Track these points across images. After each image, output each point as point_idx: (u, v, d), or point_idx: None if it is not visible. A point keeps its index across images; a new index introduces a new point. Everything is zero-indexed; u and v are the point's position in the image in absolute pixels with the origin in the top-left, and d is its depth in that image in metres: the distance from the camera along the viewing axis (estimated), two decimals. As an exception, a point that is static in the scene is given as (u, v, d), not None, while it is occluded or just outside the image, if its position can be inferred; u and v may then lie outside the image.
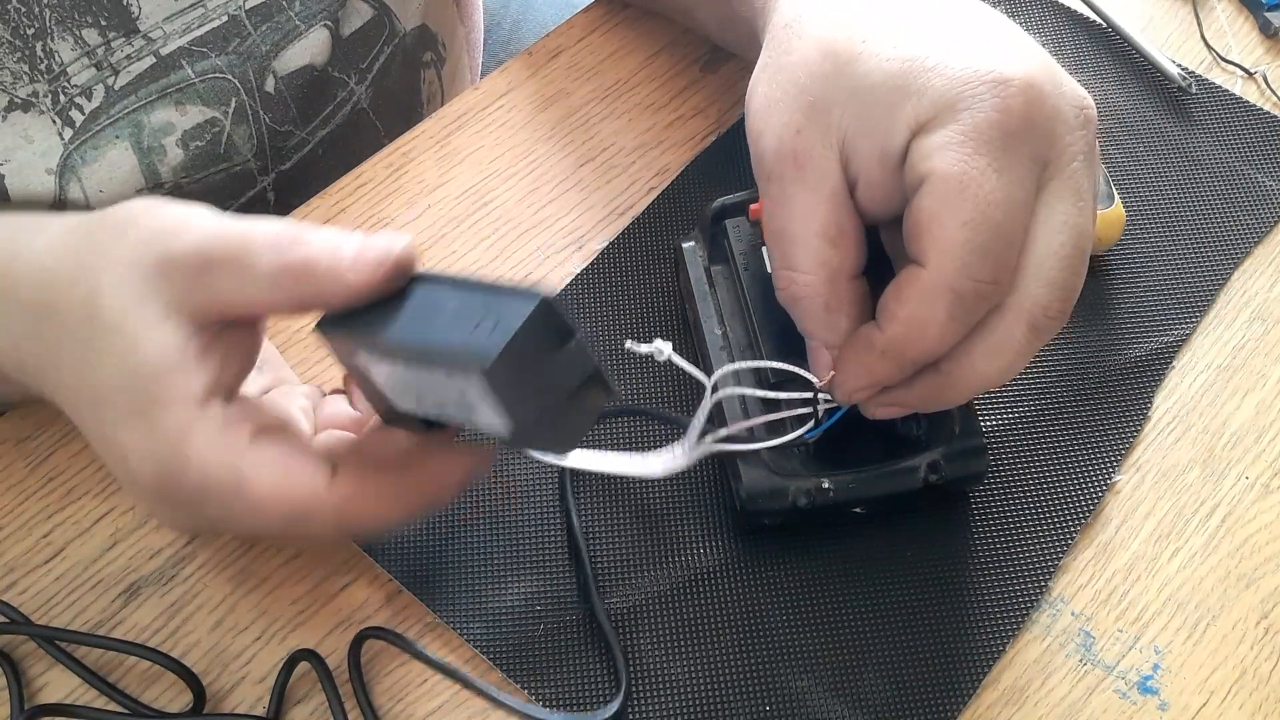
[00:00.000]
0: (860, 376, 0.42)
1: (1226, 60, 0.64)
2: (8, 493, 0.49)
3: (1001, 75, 0.38)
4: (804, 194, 0.41)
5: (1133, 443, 0.51)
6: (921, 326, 0.39)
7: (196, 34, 0.56)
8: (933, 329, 0.39)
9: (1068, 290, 0.40)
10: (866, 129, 0.40)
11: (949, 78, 0.39)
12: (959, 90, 0.39)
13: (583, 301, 0.54)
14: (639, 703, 0.44)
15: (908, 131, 0.39)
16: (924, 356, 0.40)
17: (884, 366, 0.41)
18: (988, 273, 0.38)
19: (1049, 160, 0.39)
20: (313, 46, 0.60)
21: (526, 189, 0.58)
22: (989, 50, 0.39)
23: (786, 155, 0.41)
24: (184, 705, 0.44)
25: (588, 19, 0.64)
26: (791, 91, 0.41)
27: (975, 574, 0.47)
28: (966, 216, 0.38)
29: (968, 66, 0.39)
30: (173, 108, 0.56)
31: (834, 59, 0.41)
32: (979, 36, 0.40)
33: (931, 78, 0.39)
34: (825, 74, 0.41)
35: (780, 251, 0.42)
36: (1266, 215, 0.58)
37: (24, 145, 0.52)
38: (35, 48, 0.51)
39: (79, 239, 0.40)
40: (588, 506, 0.48)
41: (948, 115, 0.38)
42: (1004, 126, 0.38)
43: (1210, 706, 0.45)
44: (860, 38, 0.41)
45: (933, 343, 0.40)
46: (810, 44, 0.42)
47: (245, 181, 0.60)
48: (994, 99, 0.38)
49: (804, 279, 0.41)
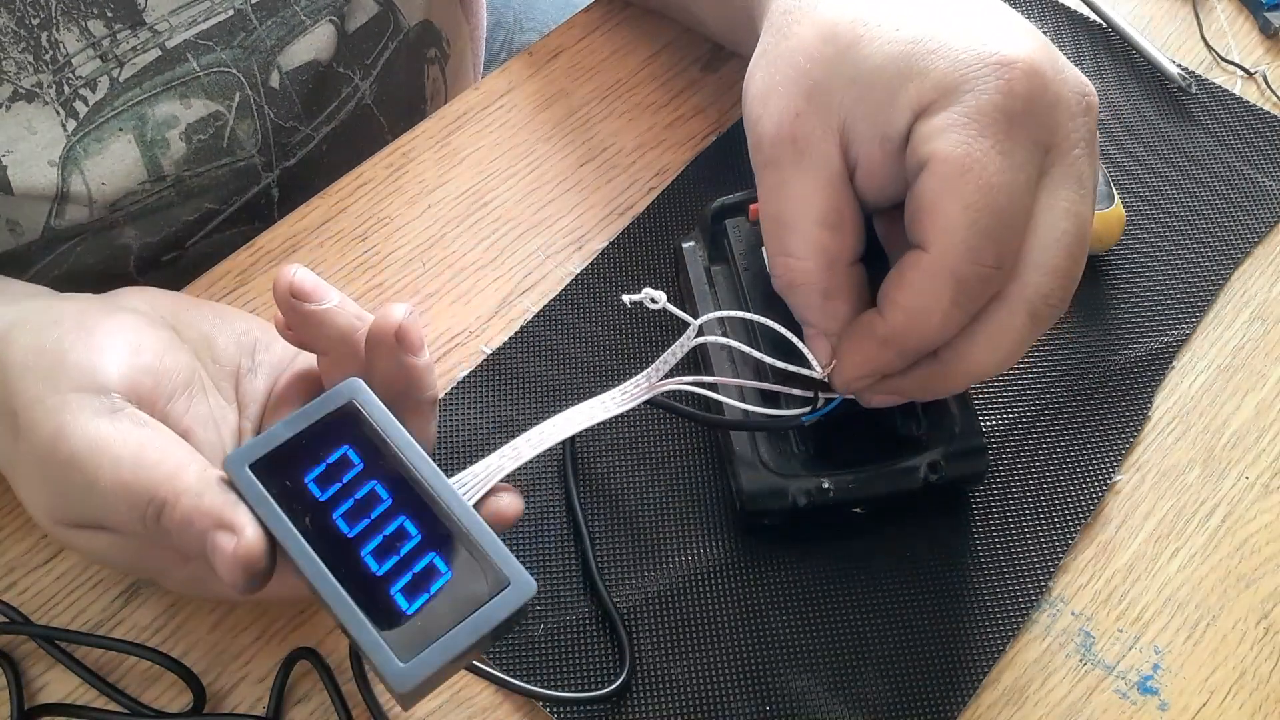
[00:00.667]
0: (861, 365, 0.41)
1: (1226, 60, 0.64)
2: (7, 492, 0.49)
3: (1005, 57, 0.38)
4: (802, 179, 0.40)
5: (1133, 443, 0.51)
6: (925, 313, 0.39)
7: (202, 27, 0.56)
8: (936, 315, 0.39)
9: (1068, 278, 0.40)
10: (867, 112, 0.39)
11: (952, 59, 0.38)
12: (962, 72, 0.38)
13: (583, 301, 0.54)
14: (639, 703, 0.44)
15: (910, 114, 0.39)
16: (926, 344, 0.40)
17: (885, 355, 0.40)
18: (991, 257, 0.38)
19: (1051, 146, 0.39)
20: (318, 42, 0.60)
21: (526, 189, 0.58)
22: (991, 33, 0.39)
23: (785, 139, 0.41)
24: (184, 705, 0.44)
25: (588, 19, 0.64)
26: (791, 75, 0.41)
27: (975, 574, 0.47)
28: (970, 199, 0.37)
29: (970, 49, 0.39)
30: (177, 101, 0.56)
31: (835, 42, 0.40)
32: (981, 20, 0.40)
33: (934, 59, 0.39)
34: (826, 58, 0.40)
35: (777, 238, 0.42)
36: (1266, 215, 0.58)
37: (27, 136, 0.52)
38: (40, 38, 0.51)
39: None
40: (589, 506, 0.48)
41: (950, 97, 0.38)
42: (1007, 109, 0.38)
43: (1210, 706, 0.45)
44: (862, 21, 0.40)
45: (935, 330, 0.39)
46: (810, 28, 0.41)
47: (250, 177, 0.60)
48: (997, 80, 0.38)
49: (802, 266, 0.41)
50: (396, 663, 0.34)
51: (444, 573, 0.35)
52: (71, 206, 0.54)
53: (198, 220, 0.59)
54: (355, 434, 0.37)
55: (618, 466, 0.50)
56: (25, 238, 0.55)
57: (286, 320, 0.40)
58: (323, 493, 0.36)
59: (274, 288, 0.39)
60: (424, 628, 0.34)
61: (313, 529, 0.36)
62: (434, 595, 0.35)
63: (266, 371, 0.44)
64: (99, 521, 0.39)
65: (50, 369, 0.39)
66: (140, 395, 0.40)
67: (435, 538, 0.36)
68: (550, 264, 0.56)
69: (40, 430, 0.38)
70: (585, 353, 0.53)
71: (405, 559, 0.35)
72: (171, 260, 0.60)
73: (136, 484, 0.37)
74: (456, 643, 0.34)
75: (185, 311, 0.44)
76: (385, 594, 0.35)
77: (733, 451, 0.46)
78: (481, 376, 0.52)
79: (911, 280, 0.39)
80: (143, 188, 0.56)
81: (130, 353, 0.40)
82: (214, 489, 0.36)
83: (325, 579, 0.35)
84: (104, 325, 0.41)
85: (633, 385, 0.42)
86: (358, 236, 0.56)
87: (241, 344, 0.44)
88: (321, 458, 0.37)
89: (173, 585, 0.41)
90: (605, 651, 0.45)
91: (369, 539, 0.36)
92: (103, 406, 0.38)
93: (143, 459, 0.37)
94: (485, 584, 0.35)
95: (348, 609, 0.34)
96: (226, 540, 0.35)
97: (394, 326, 0.38)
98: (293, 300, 0.39)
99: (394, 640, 0.34)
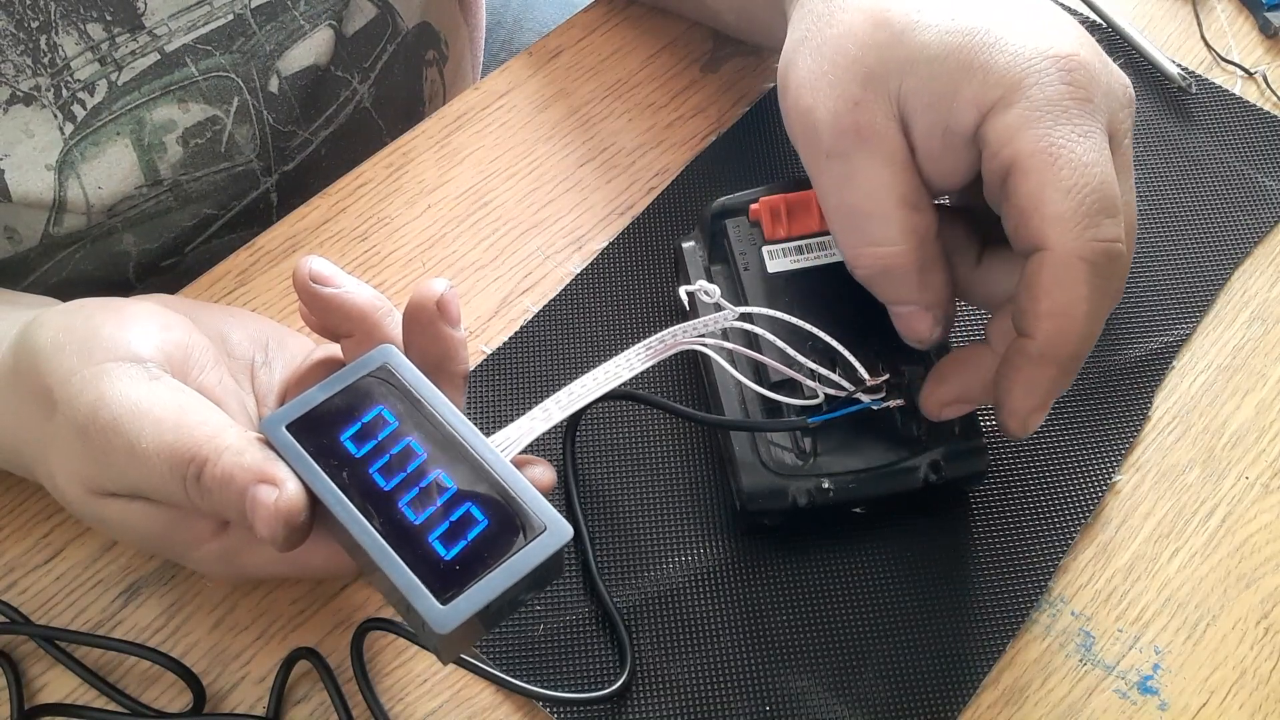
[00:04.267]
0: (1031, 395, 0.40)
1: (1226, 60, 0.64)
2: (8, 493, 0.49)
3: (1061, 51, 0.38)
4: (875, 166, 0.40)
5: (1133, 443, 0.51)
6: (1071, 311, 0.38)
7: (201, 31, 0.56)
8: (1081, 308, 0.38)
9: None
10: (928, 102, 0.39)
11: (1012, 54, 0.38)
12: (1024, 66, 0.38)
13: (583, 301, 0.54)
14: (640, 702, 0.44)
15: (975, 111, 0.39)
16: (1082, 345, 0.39)
17: (1048, 372, 0.39)
18: (1111, 230, 0.38)
19: (1111, 134, 0.39)
20: (317, 46, 0.60)
21: (526, 189, 0.58)
22: (1044, 28, 0.39)
23: (847, 129, 0.40)
24: (184, 705, 0.44)
25: (588, 19, 0.64)
26: (842, 63, 0.40)
27: (975, 574, 0.47)
28: (1070, 183, 0.37)
29: (1028, 44, 0.39)
30: (175, 105, 0.56)
31: (888, 28, 0.40)
32: (1031, 15, 0.40)
33: (994, 54, 0.39)
34: (879, 43, 0.40)
35: (856, 229, 0.41)
36: (1266, 215, 0.58)
37: (24, 139, 0.52)
38: (39, 41, 0.51)
39: None
40: (589, 506, 0.48)
41: (1015, 93, 0.38)
42: (1075, 98, 0.38)
43: (1210, 706, 0.45)
44: (915, 8, 0.40)
45: (1083, 325, 0.38)
46: (858, 15, 0.41)
47: (248, 182, 0.60)
48: (1059, 72, 0.38)
49: (892, 250, 0.41)
50: (437, 605, 0.34)
51: (481, 520, 0.36)
52: (69, 215, 0.54)
53: (196, 226, 0.59)
54: (389, 395, 0.38)
55: (617, 467, 0.50)
56: (24, 245, 0.55)
57: (308, 307, 0.41)
58: (359, 449, 0.37)
59: (293, 277, 0.40)
60: (462, 572, 0.35)
61: (350, 484, 0.36)
62: (471, 542, 0.35)
63: (281, 366, 0.45)
64: (136, 487, 0.39)
65: (84, 343, 0.40)
66: (173, 365, 0.40)
67: (471, 489, 0.36)
68: (550, 264, 0.56)
69: (79, 400, 0.38)
70: (585, 353, 0.53)
71: (442, 509, 0.36)
72: (171, 266, 0.60)
73: (179, 444, 0.37)
74: (495, 585, 0.35)
75: (197, 311, 0.45)
76: (423, 542, 0.35)
77: (733, 452, 0.46)
78: (482, 376, 0.52)
79: (1043, 283, 0.38)
80: (140, 192, 0.56)
81: (160, 328, 0.41)
82: (255, 447, 0.37)
83: (365, 529, 0.35)
84: (130, 307, 0.42)
85: (658, 340, 0.43)
86: (358, 236, 0.56)
87: (255, 340, 0.45)
88: (357, 417, 0.37)
89: (199, 562, 0.41)
90: (605, 652, 0.45)
91: (406, 491, 0.36)
92: (141, 373, 0.39)
93: (184, 420, 0.38)
94: (521, 530, 0.36)
95: (387, 557, 0.35)
96: (268, 493, 0.36)
97: (435, 297, 0.39)
98: (313, 286, 0.40)
99: (433, 584, 0.34)
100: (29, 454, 0.42)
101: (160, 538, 0.41)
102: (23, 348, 0.41)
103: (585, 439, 0.50)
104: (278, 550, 0.37)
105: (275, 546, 0.36)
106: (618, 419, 0.51)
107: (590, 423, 0.50)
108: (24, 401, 0.41)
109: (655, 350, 0.43)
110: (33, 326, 0.41)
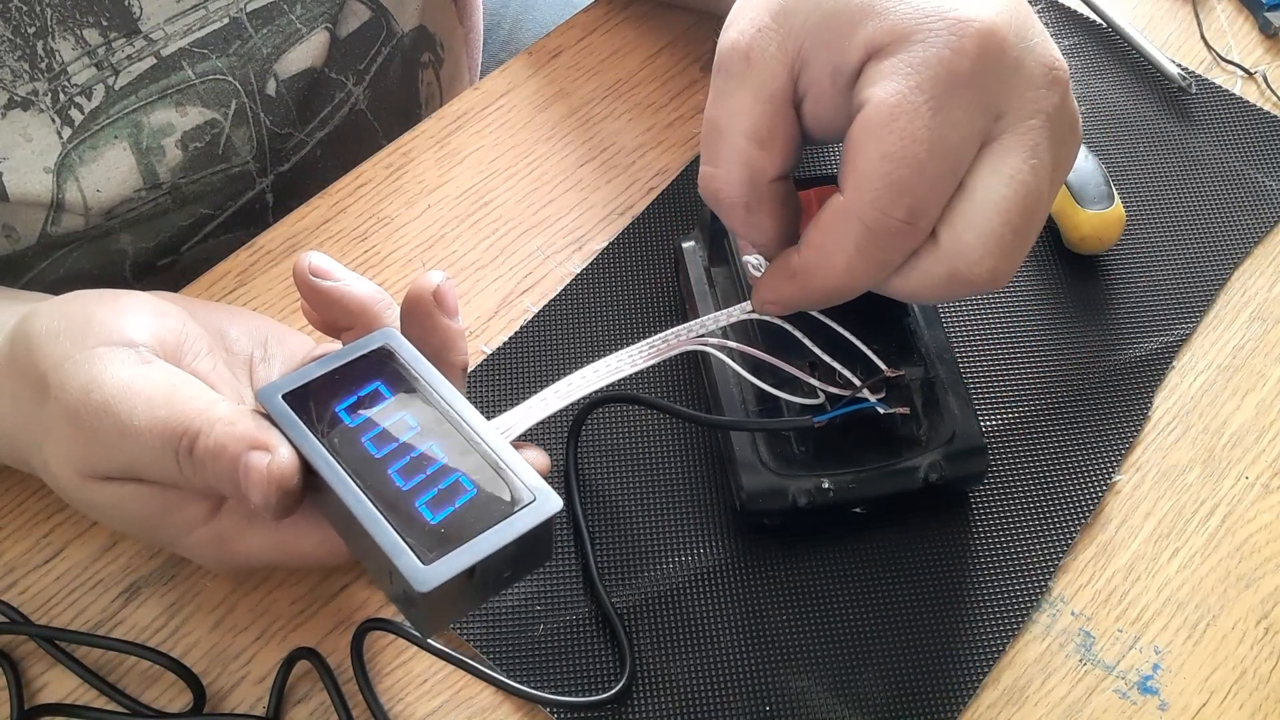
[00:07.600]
0: (768, 292, 0.43)
1: (1226, 60, 0.64)
2: (8, 492, 0.49)
3: (963, 16, 0.38)
4: (743, 91, 0.41)
5: (1133, 443, 0.51)
6: (829, 254, 0.39)
7: (198, 35, 0.56)
8: (840, 258, 0.39)
9: (1003, 247, 0.39)
10: (824, 41, 0.39)
11: (913, 8, 0.38)
12: (918, 21, 0.38)
13: (583, 301, 0.54)
14: (639, 703, 0.44)
15: (862, 52, 0.39)
16: (832, 287, 0.40)
17: (792, 289, 0.41)
18: (902, 210, 0.38)
19: (1003, 112, 0.39)
20: (313, 49, 0.60)
21: (526, 189, 0.58)
22: None
23: (740, 51, 0.41)
24: (184, 705, 0.44)
25: (588, 19, 0.64)
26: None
27: (975, 574, 0.47)
28: (889, 148, 0.38)
29: (935, 3, 0.38)
30: (173, 108, 0.56)
31: None
32: None
33: (897, 4, 0.39)
34: None
35: (708, 146, 0.42)
36: (1266, 215, 0.58)
37: (22, 144, 0.52)
38: (36, 46, 0.51)
39: None
40: (589, 506, 0.48)
41: (900, 44, 0.38)
42: (952, 66, 0.38)
43: (1210, 706, 0.45)
44: None
45: (840, 273, 0.40)
46: None
47: (244, 183, 0.60)
48: (949, 36, 0.38)
49: (724, 176, 0.41)
50: (418, 563, 0.34)
51: (469, 489, 0.36)
52: (67, 215, 0.54)
53: (192, 226, 0.59)
54: (387, 372, 0.39)
55: (618, 467, 0.50)
56: (21, 243, 0.55)
57: (308, 301, 0.41)
58: (353, 420, 0.37)
59: (294, 272, 0.41)
60: (447, 535, 0.35)
61: (341, 451, 0.37)
62: (458, 508, 0.35)
63: (280, 362, 0.45)
64: (129, 467, 0.39)
65: (78, 329, 0.40)
66: (166, 351, 0.41)
67: (462, 460, 0.37)
68: (550, 264, 0.56)
69: (72, 384, 0.39)
70: (585, 353, 0.53)
71: (431, 477, 0.36)
72: (167, 265, 0.60)
73: (171, 419, 0.37)
74: (479, 549, 0.35)
75: (197, 307, 0.45)
76: (410, 506, 0.36)
77: (733, 452, 0.46)
78: (481, 376, 0.52)
79: (823, 220, 0.39)
80: (138, 195, 0.56)
81: (154, 314, 0.41)
82: (247, 417, 0.38)
83: (352, 492, 0.36)
84: (125, 297, 0.42)
85: (660, 340, 0.43)
86: (358, 236, 0.56)
87: (254, 336, 0.45)
88: (353, 390, 0.38)
89: (191, 549, 0.42)
90: (605, 652, 0.45)
91: (396, 459, 0.36)
92: (133, 356, 0.39)
93: (175, 396, 0.38)
94: (510, 500, 0.36)
95: (374, 520, 0.35)
96: (260, 458, 0.36)
97: (432, 288, 0.40)
98: (312, 280, 0.40)
99: (417, 545, 0.35)
100: (24, 440, 0.43)
101: (153, 521, 0.41)
102: (19, 336, 0.41)
103: (586, 439, 0.50)
104: (271, 518, 0.37)
105: (268, 514, 0.36)
106: (618, 420, 0.51)
107: (591, 423, 0.50)
108: (19, 389, 0.41)
109: (658, 349, 0.43)
110: (29, 316, 0.42)
